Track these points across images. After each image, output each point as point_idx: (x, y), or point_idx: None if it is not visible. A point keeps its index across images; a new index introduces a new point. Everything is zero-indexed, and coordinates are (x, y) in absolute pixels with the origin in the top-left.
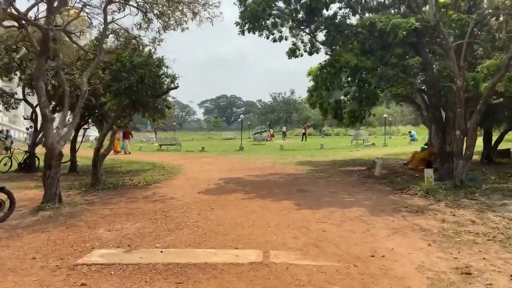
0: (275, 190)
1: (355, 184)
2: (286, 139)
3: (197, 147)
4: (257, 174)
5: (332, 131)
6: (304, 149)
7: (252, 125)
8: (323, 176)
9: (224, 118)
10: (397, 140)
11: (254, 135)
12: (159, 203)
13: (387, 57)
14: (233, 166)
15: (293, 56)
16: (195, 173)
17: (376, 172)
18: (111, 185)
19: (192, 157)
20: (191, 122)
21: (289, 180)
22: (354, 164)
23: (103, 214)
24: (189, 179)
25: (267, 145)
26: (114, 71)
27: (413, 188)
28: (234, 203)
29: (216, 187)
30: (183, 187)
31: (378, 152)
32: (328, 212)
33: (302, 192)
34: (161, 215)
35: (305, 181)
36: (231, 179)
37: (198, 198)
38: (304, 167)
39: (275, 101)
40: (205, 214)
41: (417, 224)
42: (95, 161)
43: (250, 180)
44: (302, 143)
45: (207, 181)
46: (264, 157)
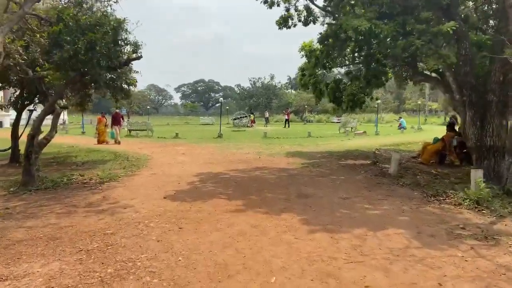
0: (268, 194)
1: (368, 185)
2: (268, 126)
3: (171, 133)
4: (241, 168)
5: (313, 117)
6: (290, 137)
7: (231, 111)
8: (323, 172)
9: (202, 103)
10: (385, 128)
11: (233, 121)
12: (105, 217)
13: (411, 23)
14: (211, 157)
15: (285, 26)
16: (165, 167)
17: (391, 170)
18: (50, 184)
19: (164, 145)
20: (168, 107)
21: (282, 178)
22: (354, 157)
23: (11, 239)
24: (156, 174)
25: (248, 132)
26: (54, 34)
27: (452, 194)
28: (213, 218)
29: (189, 188)
30: (146, 187)
31: (373, 141)
32: (355, 238)
33: (304, 198)
34: (100, 242)
35: (303, 180)
36: (208, 175)
37: (163, 207)
38: (296, 160)
39: (254, 86)
40: (169, 240)
41: (505, 266)
42: (27, 152)
43: (233, 178)
44: (285, 130)
45: (178, 179)
46: (246, 146)
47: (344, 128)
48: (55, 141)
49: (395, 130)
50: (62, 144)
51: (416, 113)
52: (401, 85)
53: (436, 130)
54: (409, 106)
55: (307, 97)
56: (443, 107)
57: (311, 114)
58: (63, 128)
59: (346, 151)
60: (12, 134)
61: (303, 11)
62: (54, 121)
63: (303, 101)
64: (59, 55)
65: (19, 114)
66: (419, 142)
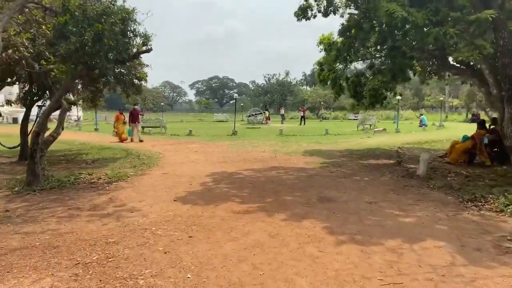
0: (286, 197)
1: (395, 187)
2: (284, 123)
3: (184, 130)
4: (256, 168)
5: (329, 115)
6: (307, 135)
7: (245, 108)
8: (345, 173)
9: (216, 100)
10: (405, 126)
11: (248, 118)
12: (109, 222)
13: (444, 10)
14: (225, 156)
15: (304, 17)
16: (176, 166)
17: (420, 171)
18: (56, 184)
19: (177, 143)
20: (182, 104)
21: (301, 178)
22: (375, 156)
23: (4, 248)
24: (167, 174)
25: (263, 129)
26: (59, 25)
27: (491, 199)
28: (226, 224)
29: (201, 189)
30: (156, 188)
31: (394, 139)
32: (389, 251)
33: (326, 202)
34: (101, 253)
35: (324, 182)
36: (222, 175)
37: (172, 211)
38: (314, 159)
39: (268, 83)
40: (177, 252)
41: None
42: (32, 150)
43: (248, 178)
44: (301, 127)
45: (190, 179)
46: (262, 144)
47: (362, 126)
48: (67, 138)
49: (415, 127)
50: (75, 141)
51: (435, 109)
52: (425, 79)
53: (459, 128)
54: (428, 102)
55: (323, 94)
56: (465, 103)
57: (327, 111)
58: (77, 125)
59: (367, 150)
60: (21, 131)
61: (323, 1)
62: (60, 117)
63: (319, 97)
64: (65, 48)
65: (28, 110)
66: (444, 140)
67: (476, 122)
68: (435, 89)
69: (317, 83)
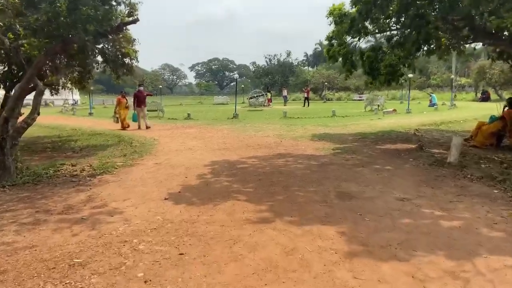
0: (299, 193)
1: (426, 178)
2: (287, 105)
3: (183, 114)
4: (261, 155)
5: (333, 95)
6: (312, 117)
7: (246, 90)
8: (362, 160)
9: (216, 82)
10: (413, 106)
11: (249, 100)
12: (81, 230)
13: None
14: (225, 142)
15: None
16: (172, 154)
17: (452, 158)
18: (31, 178)
19: (174, 127)
20: (182, 87)
21: (312, 168)
22: (391, 139)
23: None
24: (160, 164)
25: (266, 112)
26: None
27: None
28: (228, 234)
29: (198, 183)
30: (145, 182)
31: (407, 121)
32: (448, 275)
33: (347, 199)
34: (59, 285)
35: (339, 172)
36: (223, 165)
37: (162, 214)
38: (325, 144)
39: (269, 63)
40: (162, 280)
41: None
42: (1, 139)
43: (253, 168)
44: (305, 109)
45: (186, 170)
46: (265, 128)
47: (370, 106)
48: (58, 123)
49: (425, 107)
50: (66, 126)
51: (441, 88)
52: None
53: (471, 107)
54: (435, 81)
55: (326, 74)
56: (474, 81)
57: (331, 92)
58: (72, 109)
59: (380, 133)
60: None
61: None
62: (35, 101)
63: (322, 78)
64: (35, 18)
65: (8, 92)
66: (461, 121)
67: (485, 100)
68: (442, 67)
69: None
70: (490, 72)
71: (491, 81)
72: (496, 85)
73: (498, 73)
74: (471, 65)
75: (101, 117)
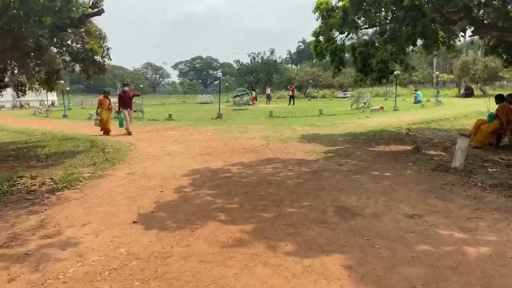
0: (291, 209)
1: (432, 187)
2: (271, 103)
3: (165, 114)
4: (247, 161)
5: (317, 93)
6: (299, 116)
7: (230, 88)
8: (357, 166)
9: (200, 81)
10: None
11: (234, 99)
12: (20, 273)
13: None
14: (208, 145)
15: None
16: (148, 161)
17: (458, 162)
18: None
19: (154, 129)
20: (165, 86)
21: (304, 176)
22: (384, 140)
23: None
24: (133, 175)
25: (251, 111)
26: None
27: None
28: (207, 275)
29: (175, 199)
30: (113, 199)
31: (396, 119)
32: None
33: (349, 216)
34: None
35: (335, 180)
36: (204, 174)
37: (127, 244)
38: (315, 147)
39: (253, 61)
40: None
41: None
42: None
43: (238, 177)
44: (291, 108)
45: (163, 182)
46: (251, 129)
47: (356, 104)
48: (28, 127)
49: (411, 104)
50: (36, 130)
51: (423, 85)
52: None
53: (457, 103)
54: (416, 78)
55: (310, 72)
56: (458, 77)
57: (315, 90)
58: (46, 111)
59: (371, 133)
60: None
61: None
62: None
63: (306, 75)
64: None
65: None
66: (451, 118)
67: (469, 96)
68: (423, 63)
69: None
70: (474, 67)
71: (475, 76)
72: (480, 81)
73: (482, 68)
74: (453, 61)
75: (75, 119)
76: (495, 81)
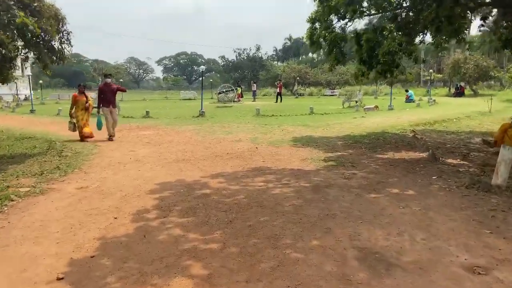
0: (296, 254)
1: (472, 212)
2: (256, 100)
3: (142, 111)
4: (232, 171)
5: (304, 90)
6: (289, 115)
7: (215, 85)
8: (368, 179)
9: (185, 77)
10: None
11: (218, 95)
12: None
13: None
14: (186, 149)
15: None
16: (110, 169)
17: (501, 178)
18: None
19: (127, 128)
20: (149, 81)
21: (305, 195)
22: (391, 145)
23: None
24: (86, 189)
25: (236, 108)
26: None
27: None
28: None
29: (131, 232)
30: (44, 230)
31: (395, 119)
32: None
33: (382, 268)
34: None
35: (347, 202)
36: (177, 190)
37: None
38: (312, 152)
39: (239, 57)
40: None
41: None
42: None
43: (219, 196)
44: (278, 106)
45: (120, 201)
46: (236, 129)
47: (348, 103)
48: None
49: (403, 103)
50: None
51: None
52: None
53: (451, 103)
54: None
55: (297, 68)
56: (449, 76)
57: (302, 87)
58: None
59: (373, 135)
60: None
61: None
62: None
63: (293, 72)
64: None
65: None
66: (454, 119)
67: (460, 95)
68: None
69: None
70: (465, 66)
71: (466, 75)
72: (471, 80)
73: (473, 67)
74: (443, 59)
75: (43, 115)
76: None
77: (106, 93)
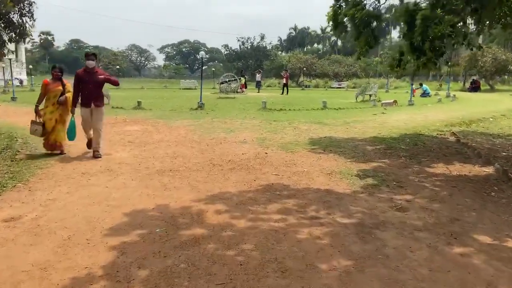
0: None
1: None
2: (261, 91)
3: (135, 100)
4: (234, 192)
5: (310, 82)
6: (299, 109)
7: (217, 74)
8: (431, 211)
9: (187, 66)
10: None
11: (220, 85)
12: None
13: None
14: (177, 152)
15: None
16: (66, 184)
17: None
18: None
19: (112, 122)
20: (151, 69)
21: (350, 246)
22: (434, 153)
23: None
24: (13, 226)
25: (240, 100)
26: None
27: None
28: None
29: None
30: None
31: (421, 117)
32: None
33: None
34: None
35: (418, 262)
36: (151, 229)
37: None
38: (338, 161)
39: (243, 46)
40: None
41: None
42: None
43: (215, 246)
44: (285, 98)
45: (52, 257)
46: (240, 126)
47: (362, 96)
48: None
49: (420, 98)
50: None
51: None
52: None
53: (473, 98)
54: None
55: (303, 59)
56: (464, 70)
57: (308, 79)
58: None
59: (406, 137)
60: None
61: None
62: None
63: (299, 63)
64: None
65: None
66: (490, 118)
67: (475, 90)
68: None
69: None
70: (482, 60)
71: (482, 69)
72: (487, 74)
73: (491, 61)
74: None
75: (24, 103)
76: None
77: (86, 83)
